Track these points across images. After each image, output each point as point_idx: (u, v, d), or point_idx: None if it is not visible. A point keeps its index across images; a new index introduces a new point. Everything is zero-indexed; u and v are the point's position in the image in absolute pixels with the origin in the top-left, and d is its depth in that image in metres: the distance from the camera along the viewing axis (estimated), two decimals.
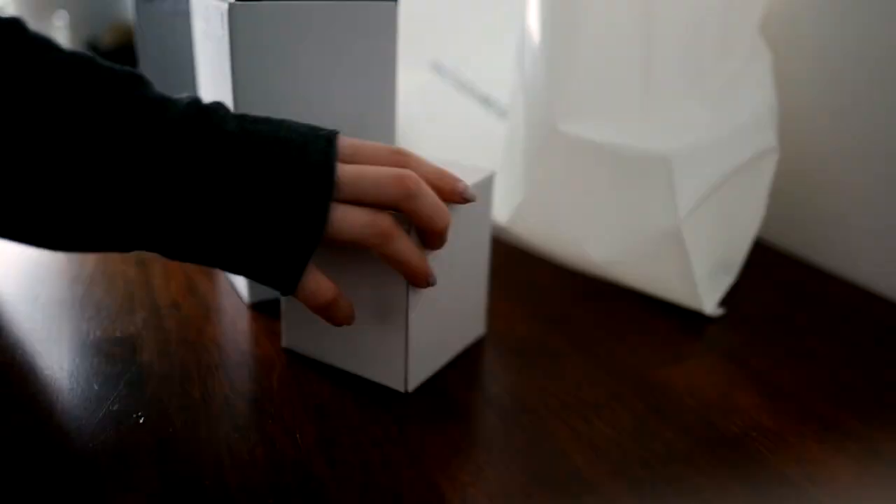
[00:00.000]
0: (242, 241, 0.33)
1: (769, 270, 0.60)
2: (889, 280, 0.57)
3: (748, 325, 0.51)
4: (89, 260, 0.58)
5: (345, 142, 0.36)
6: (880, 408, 0.42)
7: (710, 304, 0.52)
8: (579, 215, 0.53)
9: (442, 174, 0.37)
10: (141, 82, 0.34)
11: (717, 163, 0.50)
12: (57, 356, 0.43)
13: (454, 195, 0.37)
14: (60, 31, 1.28)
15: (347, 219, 0.34)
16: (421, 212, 0.35)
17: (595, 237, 0.53)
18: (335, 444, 0.37)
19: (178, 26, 0.61)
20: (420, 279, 0.37)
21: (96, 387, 0.41)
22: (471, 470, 0.36)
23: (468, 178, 0.40)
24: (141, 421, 0.38)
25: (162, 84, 0.63)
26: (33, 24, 0.36)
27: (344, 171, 0.34)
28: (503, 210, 0.58)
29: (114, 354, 0.44)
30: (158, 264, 0.58)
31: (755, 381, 0.44)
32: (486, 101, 0.68)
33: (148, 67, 0.62)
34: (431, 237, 0.37)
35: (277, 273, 0.35)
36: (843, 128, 0.59)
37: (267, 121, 0.35)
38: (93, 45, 1.32)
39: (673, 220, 0.48)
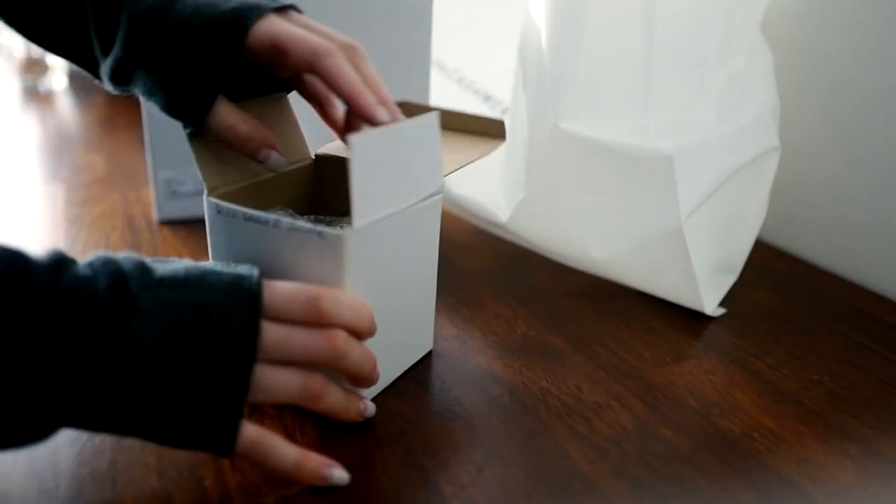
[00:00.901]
0: (172, 418, 0.31)
1: (769, 270, 0.60)
2: (889, 279, 0.57)
3: (748, 325, 0.51)
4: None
5: (267, 290, 0.34)
6: (880, 408, 0.42)
7: (710, 304, 0.52)
8: (580, 214, 0.53)
9: (358, 316, 0.36)
10: (55, 273, 0.30)
11: (719, 162, 0.50)
12: None
13: (369, 334, 0.37)
14: None
15: (278, 383, 0.33)
16: (350, 368, 0.35)
17: (596, 236, 0.53)
18: (335, 444, 0.37)
19: None
20: (353, 419, 0.38)
21: None
22: (471, 470, 0.36)
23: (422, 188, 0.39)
24: None
25: None
26: None
27: (271, 333, 0.33)
28: (504, 209, 0.58)
29: None
30: None
31: (755, 381, 0.44)
32: (487, 100, 0.68)
33: None
34: (362, 383, 0.37)
35: (213, 439, 0.32)
36: (844, 128, 0.59)
37: (184, 283, 0.32)
38: None
39: (675, 219, 0.48)
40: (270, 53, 0.38)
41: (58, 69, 1.28)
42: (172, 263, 0.33)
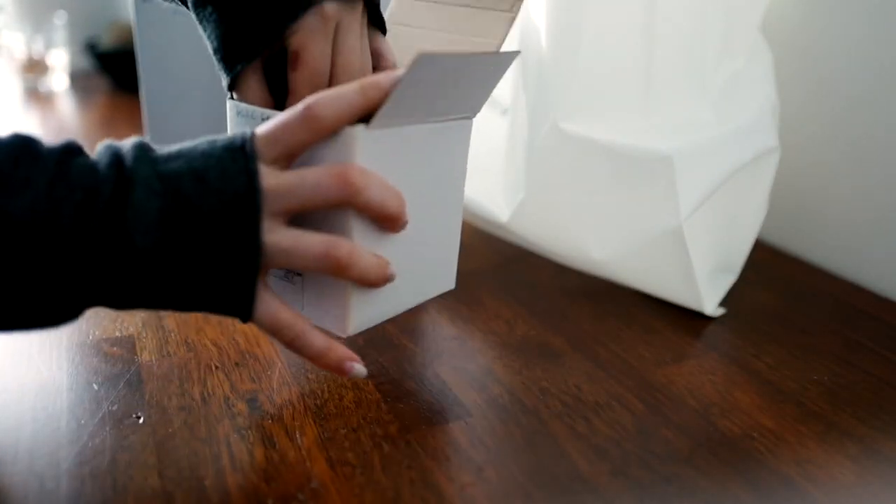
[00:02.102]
0: (187, 283, 0.32)
1: (769, 270, 0.60)
2: (889, 279, 0.57)
3: (748, 325, 0.51)
4: None
5: (262, 137, 0.33)
6: (880, 408, 0.42)
7: (710, 304, 0.52)
8: (580, 214, 0.53)
9: (359, 90, 0.34)
10: (31, 145, 0.31)
11: (718, 162, 0.50)
12: (57, 356, 0.43)
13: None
14: (60, 31, 1.28)
15: (300, 249, 0.33)
16: (371, 205, 0.34)
17: (596, 236, 0.53)
18: (335, 444, 0.37)
19: (178, 26, 0.61)
20: (383, 283, 0.36)
21: (96, 387, 0.40)
22: (471, 470, 0.36)
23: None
24: (141, 421, 0.38)
25: (162, 83, 0.63)
26: (32, 24, 0.36)
27: (273, 179, 0.32)
28: (504, 209, 0.58)
29: (113, 354, 0.44)
30: None
31: (755, 381, 0.44)
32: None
33: (148, 67, 0.62)
34: (389, 223, 0.35)
35: (229, 303, 0.33)
36: (844, 128, 0.59)
37: (178, 154, 0.32)
38: (93, 45, 1.32)
39: (675, 219, 0.48)
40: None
41: (58, 69, 1.28)
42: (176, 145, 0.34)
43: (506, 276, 0.57)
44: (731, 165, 0.50)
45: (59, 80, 1.29)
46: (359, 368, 0.36)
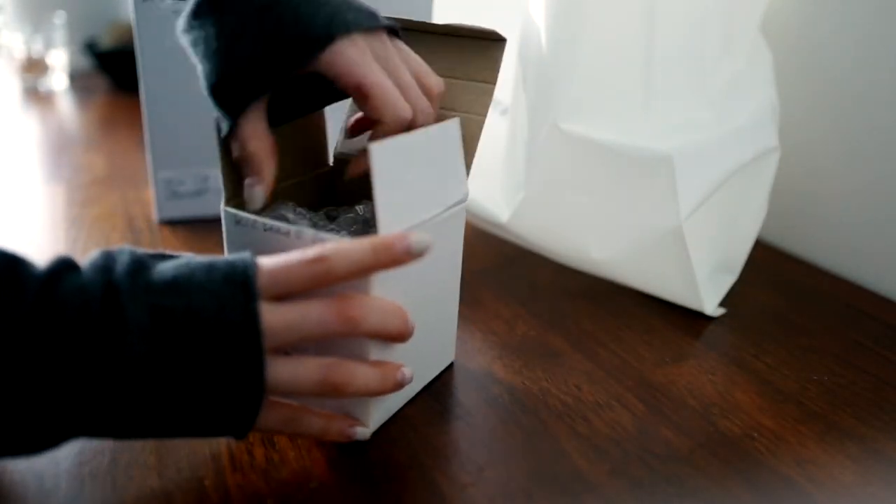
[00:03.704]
0: (185, 421, 0.31)
1: (769, 270, 0.60)
2: (889, 279, 0.57)
3: (748, 325, 0.51)
4: None
5: (265, 274, 0.32)
6: (880, 408, 0.42)
7: (710, 304, 0.52)
8: (580, 214, 0.53)
9: (371, 251, 0.32)
10: (15, 266, 0.29)
11: (718, 162, 0.50)
12: None
13: (401, 259, 0.33)
14: (60, 30, 1.28)
15: (298, 376, 0.32)
16: (373, 332, 0.33)
17: (596, 236, 0.53)
18: (335, 444, 0.37)
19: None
20: (394, 390, 0.35)
21: None
22: (471, 470, 0.36)
23: (439, 204, 0.38)
24: None
25: (162, 83, 0.63)
26: (32, 24, 0.35)
27: (274, 317, 0.31)
28: (504, 209, 0.58)
29: None
30: None
31: (755, 381, 0.44)
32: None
33: (148, 67, 0.62)
34: (397, 339, 0.35)
35: (229, 432, 0.32)
36: (844, 128, 0.59)
37: (174, 285, 0.30)
38: (92, 45, 1.32)
39: (674, 219, 0.48)
40: (352, 88, 0.37)
41: (58, 69, 1.28)
42: (170, 262, 0.32)
43: (506, 276, 0.57)
44: (731, 165, 0.50)
45: (58, 79, 1.29)
46: (361, 431, 0.36)
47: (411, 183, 0.35)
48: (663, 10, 0.51)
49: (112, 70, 1.28)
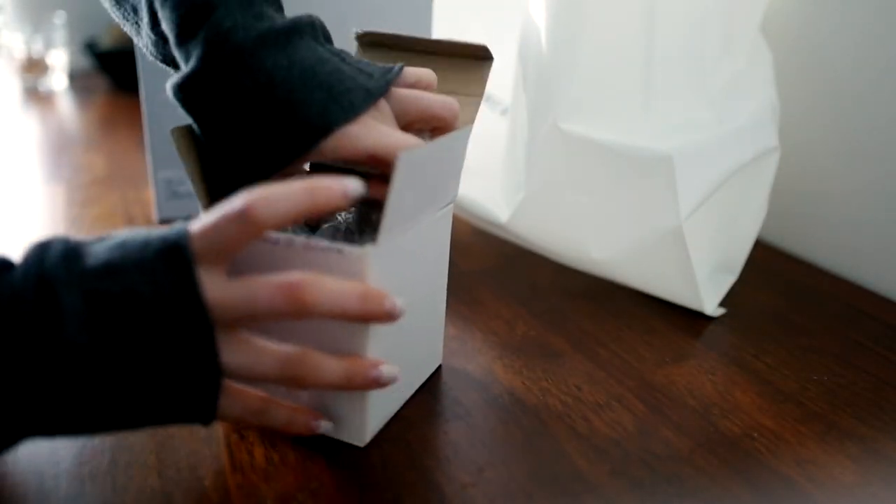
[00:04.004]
0: (144, 410, 0.30)
1: (769, 270, 0.60)
2: (889, 279, 0.57)
3: (748, 325, 0.51)
4: None
5: (197, 237, 0.30)
6: (880, 408, 0.42)
7: (710, 304, 0.52)
8: (580, 214, 0.53)
9: (303, 193, 0.30)
10: None
11: (718, 162, 0.50)
12: None
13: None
14: (60, 30, 1.28)
15: (255, 365, 0.31)
16: (327, 313, 0.31)
17: (596, 236, 0.53)
18: (335, 444, 0.37)
19: None
20: (366, 387, 0.34)
21: None
22: (471, 470, 0.36)
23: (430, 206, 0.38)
24: None
25: (162, 83, 0.63)
26: (32, 24, 0.35)
27: (224, 294, 0.30)
28: (504, 209, 0.58)
29: None
30: None
31: (755, 381, 0.44)
32: (487, 99, 0.68)
33: (148, 67, 0.62)
34: (359, 322, 0.33)
35: (189, 418, 0.31)
36: (844, 128, 0.59)
37: (108, 268, 0.29)
38: (92, 45, 1.32)
39: (674, 219, 0.48)
40: (363, 161, 0.37)
41: (58, 69, 1.28)
42: (104, 243, 0.30)
43: (506, 276, 0.57)
44: (731, 165, 0.50)
45: (58, 79, 1.29)
46: (325, 425, 0.35)
47: (421, 189, 0.35)
48: (663, 10, 0.51)
49: (112, 70, 1.28)
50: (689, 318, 0.52)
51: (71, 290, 0.28)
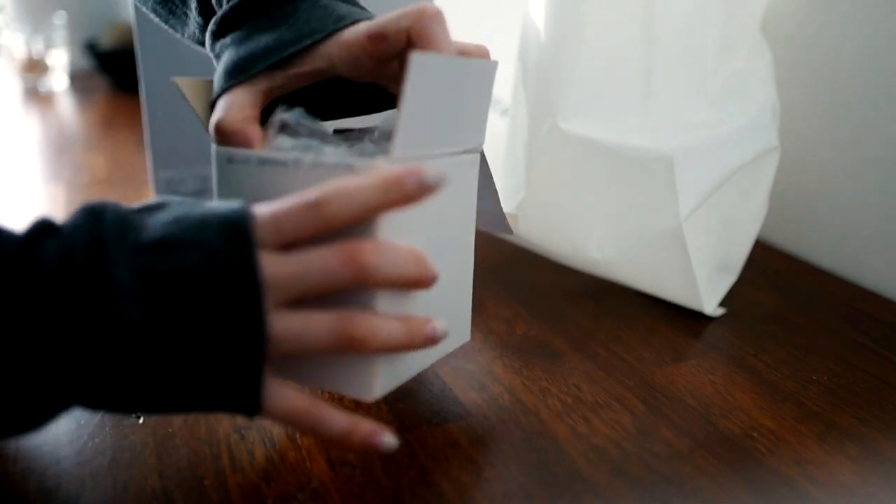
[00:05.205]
0: (183, 386, 0.29)
1: (769, 270, 0.60)
2: (889, 279, 0.57)
3: (748, 325, 0.51)
4: None
5: (263, 223, 0.29)
6: (880, 408, 0.42)
7: (710, 304, 0.52)
8: (580, 214, 0.53)
9: (381, 188, 0.30)
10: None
11: (718, 162, 0.50)
12: None
13: (414, 194, 0.30)
14: (60, 30, 1.28)
15: (310, 334, 0.30)
16: (389, 280, 0.30)
17: (596, 236, 0.53)
18: (335, 444, 0.37)
19: None
20: (425, 345, 0.33)
21: None
22: (471, 470, 0.36)
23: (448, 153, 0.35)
24: (141, 421, 0.38)
25: (162, 84, 0.63)
26: (32, 24, 0.35)
27: (276, 269, 0.29)
28: (504, 209, 0.58)
29: None
30: None
31: (755, 381, 0.44)
32: None
33: (148, 67, 0.62)
34: (412, 288, 0.32)
35: (234, 401, 0.30)
36: (844, 128, 0.59)
37: (164, 244, 0.28)
38: (92, 45, 1.32)
39: (674, 219, 0.48)
40: (365, 48, 0.35)
41: (58, 69, 1.28)
42: (160, 215, 0.30)
43: (506, 276, 0.57)
44: (732, 165, 0.50)
45: (58, 79, 1.29)
46: (388, 440, 0.32)
47: (438, 109, 0.32)
48: (663, 10, 0.51)
49: (112, 70, 1.28)
50: (689, 318, 0.52)
51: (123, 266, 0.27)
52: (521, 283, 0.56)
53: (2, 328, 0.27)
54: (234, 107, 0.35)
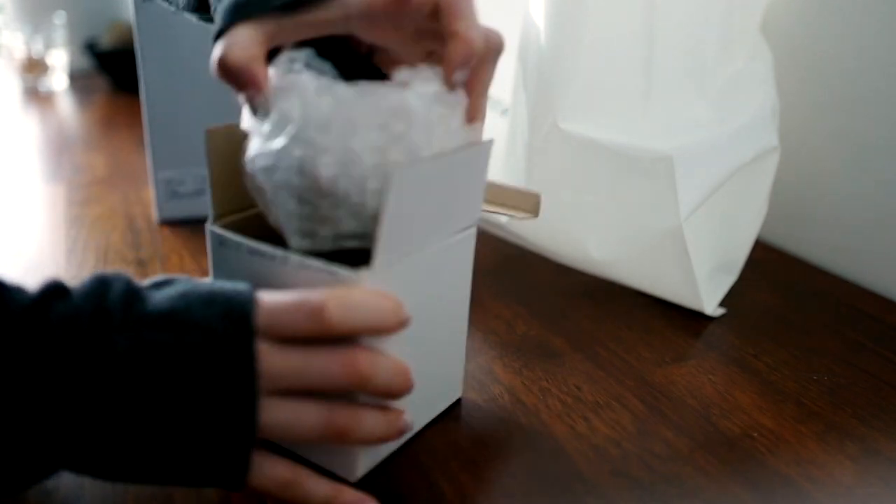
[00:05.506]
0: (170, 464, 0.29)
1: (769, 270, 0.60)
2: (889, 279, 0.57)
3: (748, 325, 0.51)
4: (87, 261, 0.58)
5: (265, 314, 0.30)
6: (880, 408, 0.42)
7: (710, 304, 0.52)
8: (580, 214, 0.53)
9: (377, 314, 0.31)
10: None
11: (718, 162, 0.50)
12: None
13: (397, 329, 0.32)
14: (60, 30, 1.28)
15: (296, 420, 0.30)
16: (378, 391, 0.31)
17: (596, 236, 0.53)
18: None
19: (178, 26, 0.61)
20: (396, 438, 0.33)
21: None
22: (471, 470, 0.36)
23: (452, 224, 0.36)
24: None
25: (162, 84, 0.63)
26: (32, 24, 0.34)
27: (275, 362, 0.29)
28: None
29: None
30: (157, 264, 0.58)
31: (755, 381, 0.44)
32: (488, 100, 0.68)
33: (148, 67, 0.62)
34: (395, 398, 0.33)
35: (219, 478, 0.30)
36: (844, 128, 0.59)
37: (168, 319, 0.29)
38: (92, 45, 1.32)
39: (674, 219, 0.48)
40: (388, 5, 0.34)
41: (58, 69, 1.28)
42: (167, 290, 0.30)
43: (506, 276, 0.57)
44: (731, 165, 0.50)
45: (58, 79, 1.29)
46: None
47: (425, 209, 0.33)
48: (663, 10, 0.51)
49: (112, 70, 1.28)
50: (689, 318, 0.52)
51: (126, 335, 0.28)
52: (521, 283, 0.56)
53: (5, 381, 0.27)
54: (239, 44, 0.33)
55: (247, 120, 0.34)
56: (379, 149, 0.31)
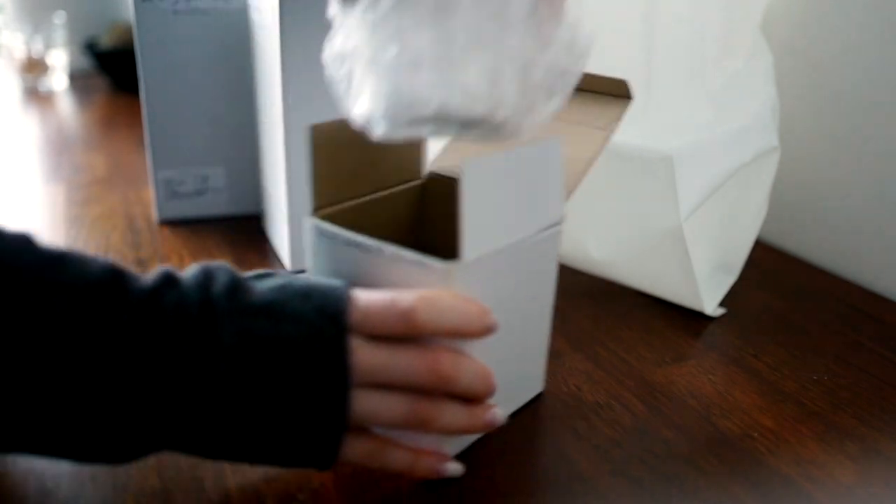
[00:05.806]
0: (265, 446, 0.31)
1: (769, 270, 0.60)
2: (889, 279, 0.57)
3: (748, 325, 0.51)
4: None
5: (358, 312, 0.32)
6: (880, 408, 0.42)
7: (710, 304, 0.52)
8: (580, 214, 0.53)
9: (465, 318, 0.32)
10: (120, 279, 0.30)
11: (719, 162, 0.50)
12: None
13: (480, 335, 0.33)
14: (60, 30, 1.28)
15: (382, 409, 0.32)
16: (458, 392, 0.33)
17: (596, 236, 0.53)
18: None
19: (178, 26, 0.61)
20: (482, 430, 0.35)
21: None
22: (471, 470, 0.36)
23: (533, 217, 0.36)
24: None
25: (162, 84, 0.63)
26: (32, 24, 0.35)
27: (365, 358, 0.31)
28: None
29: None
30: (157, 264, 0.58)
31: (755, 381, 0.44)
32: None
33: (148, 67, 0.62)
34: (477, 401, 0.34)
35: (311, 461, 0.32)
36: (844, 128, 0.59)
37: (268, 310, 0.31)
38: (92, 45, 1.32)
39: (674, 219, 0.48)
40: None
41: (58, 69, 1.28)
42: (268, 282, 0.32)
43: None
44: (731, 165, 0.50)
45: (58, 79, 1.29)
46: (452, 467, 0.34)
47: (504, 203, 0.34)
48: (663, 10, 0.51)
49: (112, 70, 1.28)
50: (689, 318, 0.52)
51: (230, 324, 0.30)
52: None
53: (120, 367, 0.28)
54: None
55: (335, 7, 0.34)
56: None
